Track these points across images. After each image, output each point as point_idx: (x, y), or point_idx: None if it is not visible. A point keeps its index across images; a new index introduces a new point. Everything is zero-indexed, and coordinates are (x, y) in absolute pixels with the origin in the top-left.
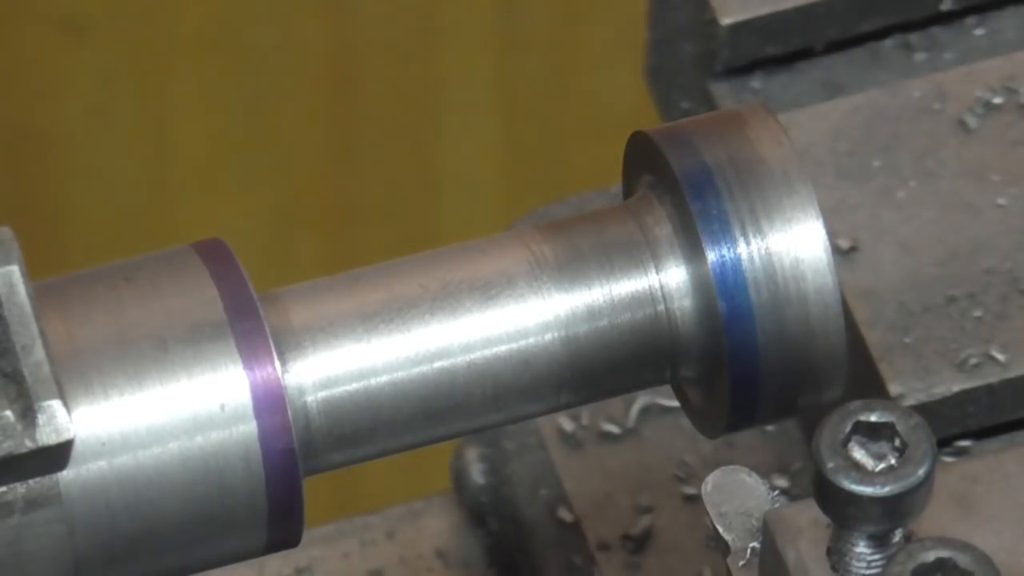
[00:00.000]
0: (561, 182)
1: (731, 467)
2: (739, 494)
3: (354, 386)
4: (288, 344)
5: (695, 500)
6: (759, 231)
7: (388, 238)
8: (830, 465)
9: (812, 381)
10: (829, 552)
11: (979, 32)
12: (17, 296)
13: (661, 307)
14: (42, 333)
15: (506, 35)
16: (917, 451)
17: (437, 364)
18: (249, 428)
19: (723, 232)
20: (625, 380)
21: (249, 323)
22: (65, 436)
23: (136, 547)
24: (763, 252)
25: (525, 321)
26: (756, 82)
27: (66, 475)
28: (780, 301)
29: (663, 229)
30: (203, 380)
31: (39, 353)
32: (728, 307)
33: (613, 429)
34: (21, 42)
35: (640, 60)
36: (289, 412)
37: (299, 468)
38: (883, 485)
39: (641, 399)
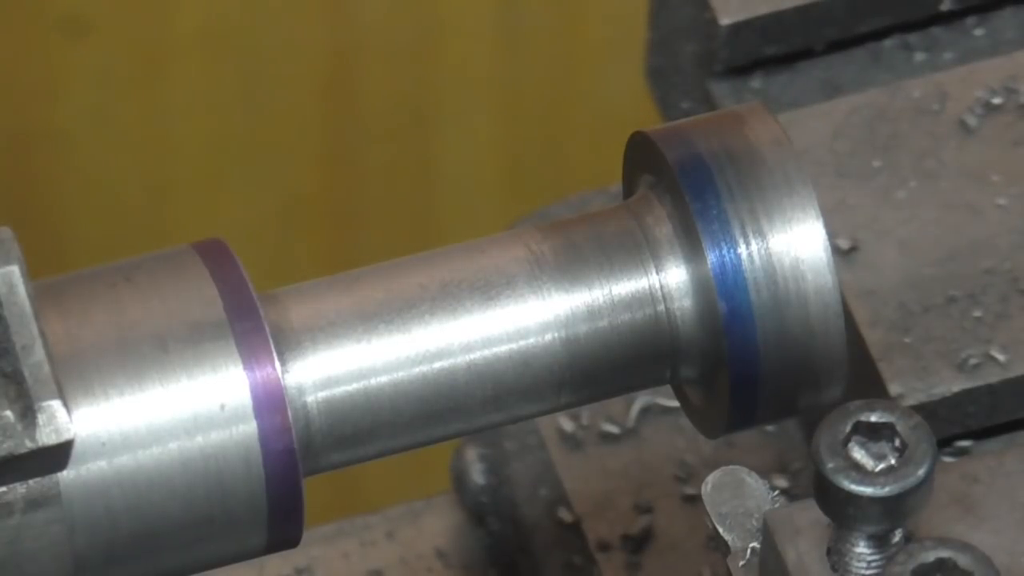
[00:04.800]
0: (561, 182)
1: (731, 467)
2: (739, 494)
3: (354, 386)
4: (288, 344)
5: (695, 500)
6: (759, 231)
7: (388, 238)
8: (830, 465)
9: (812, 381)
10: (829, 552)
11: (979, 32)
12: (17, 296)
13: (661, 307)
14: (42, 333)
15: (506, 35)
16: (917, 451)
17: (437, 364)
18: (249, 428)
19: (723, 232)
20: (625, 380)
21: (249, 323)
22: (65, 436)
23: (136, 547)
24: (763, 252)
25: (525, 321)
26: (756, 82)
27: (66, 475)
28: (780, 301)
29: (663, 229)
30: (203, 380)
31: (39, 353)
32: (728, 307)
33: (613, 429)
34: (21, 42)
35: (640, 60)
36: (289, 412)
37: (299, 468)
38: (883, 485)
39: (641, 399)
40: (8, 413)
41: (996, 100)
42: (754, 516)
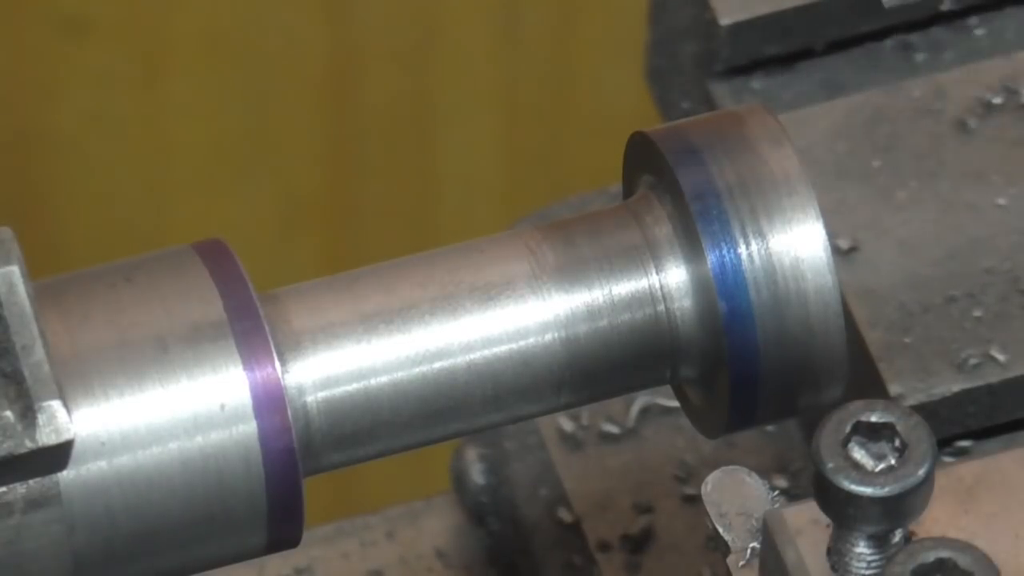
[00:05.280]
0: (561, 182)
1: (731, 467)
2: (739, 494)
3: (354, 386)
4: (288, 344)
5: (695, 500)
6: (759, 231)
7: (388, 238)
8: (830, 465)
9: (812, 381)
10: (829, 552)
11: (979, 32)
12: (17, 296)
13: (661, 307)
14: (42, 333)
15: (506, 35)
16: (917, 451)
17: (437, 364)
18: (249, 428)
19: (723, 232)
20: (625, 380)
21: (249, 323)
22: (65, 436)
23: (136, 547)
24: (763, 252)
25: (525, 321)
26: (756, 82)
27: (66, 475)
28: (780, 301)
29: (663, 229)
30: (203, 380)
31: (39, 353)
32: (728, 307)
33: (613, 429)
34: (21, 43)
35: (640, 60)
36: (289, 412)
37: (299, 468)
38: (883, 485)
39: (641, 399)
40: (8, 413)
41: (996, 100)
42: (754, 516)
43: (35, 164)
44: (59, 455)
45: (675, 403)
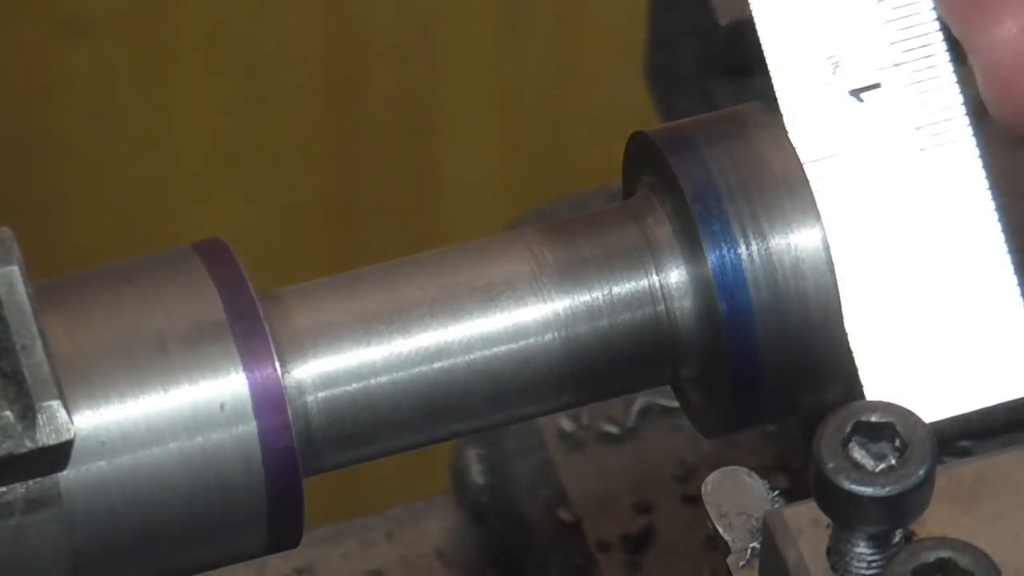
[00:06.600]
0: (561, 182)
1: (731, 467)
2: (739, 494)
3: (354, 386)
4: (288, 344)
5: (695, 500)
6: (759, 231)
7: (388, 238)
8: (830, 465)
9: (813, 380)
10: (829, 552)
11: None
12: (17, 296)
13: (661, 307)
14: (42, 333)
15: (506, 34)
16: (917, 451)
17: (437, 364)
18: (249, 428)
19: (723, 232)
20: (625, 380)
21: (249, 323)
22: (65, 436)
23: (136, 547)
24: (763, 252)
25: (525, 321)
26: (756, 82)
27: (66, 475)
28: (780, 300)
29: (663, 229)
30: (203, 380)
31: (39, 353)
32: (728, 306)
33: (613, 429)
34: (21, 42)
35: (640, 60)
36: (289, 412)
37: (299, 468)
38: (883, 485)
39: (641, 399)
40: (8, 413)
41: None
42: (754, 516)
43: (35, 163)
44: (59, 455)
45: (675, 403)
